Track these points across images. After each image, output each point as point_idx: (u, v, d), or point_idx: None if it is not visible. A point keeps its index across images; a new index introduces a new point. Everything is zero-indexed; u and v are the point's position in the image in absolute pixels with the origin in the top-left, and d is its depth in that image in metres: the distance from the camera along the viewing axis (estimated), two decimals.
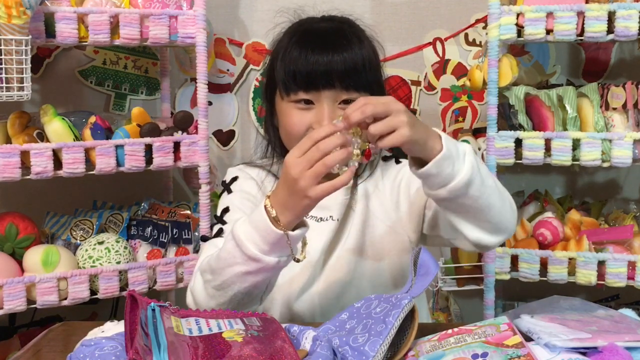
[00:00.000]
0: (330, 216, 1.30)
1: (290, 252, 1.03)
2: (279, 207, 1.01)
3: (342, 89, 1.21)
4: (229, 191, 1.34)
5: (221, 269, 1.07)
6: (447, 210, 1.11)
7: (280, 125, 1.28)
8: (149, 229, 1.81)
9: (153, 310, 0.88)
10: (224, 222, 1.27)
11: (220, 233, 1.25)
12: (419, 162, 1.03)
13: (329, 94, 1.21)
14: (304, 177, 0.97)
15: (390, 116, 0.97)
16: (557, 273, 1.72)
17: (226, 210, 1.29)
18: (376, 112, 0.97)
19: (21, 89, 1.51)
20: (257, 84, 2.15)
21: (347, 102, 1.23)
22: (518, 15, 1.66)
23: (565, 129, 1.70)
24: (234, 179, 1.35)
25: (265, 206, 1.01)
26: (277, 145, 1.34)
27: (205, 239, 1.29)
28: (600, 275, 1.69)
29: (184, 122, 1.77)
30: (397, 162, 1.38)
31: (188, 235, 1.82)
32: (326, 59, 1.20)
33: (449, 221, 1.13)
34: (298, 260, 1.04)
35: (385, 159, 1.40)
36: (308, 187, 0.97)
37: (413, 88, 2.16)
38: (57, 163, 1.61)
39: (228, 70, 2.16)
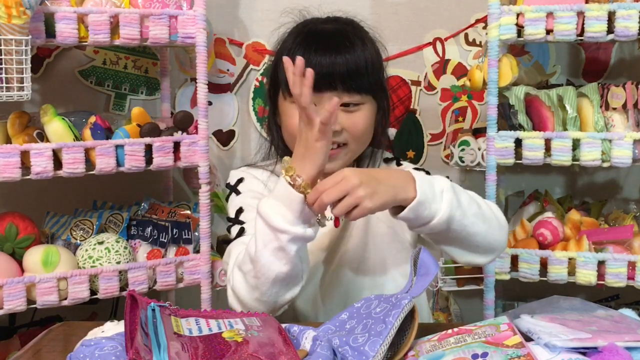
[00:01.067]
0: (332, 216, 1.30)
1: (313, 219, 1.07)
2: (299, 164, 1.05)
3: (343, 91, 1.22)
4: (237, 192, 1.34)
5: (258, 252, 1.08)
6: (434, 241, 1.16)
7: (283, 125, 1.29)
8: (149, 229, 1.81)
9: (153, 310, 0.88)
10: (241, 222, 1.27)
11: (242, 232, 1.25)
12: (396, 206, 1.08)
13: (331, 95, 1.21)
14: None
15: (347, 196, 1.01)
16: (557, 273, 1.72)
17: (240, 210, 1.30)
18: (332, 199, 1.02)
19: (21, 89, 1.51)
20: (257, 84, 2.15)
21: (347, 105, 1.23)
22: (518, 15, 1.66)
23: (565, 129, 1.70)
24: (240, 180, 1.35)
25: (285, 177, 1.05)
26: (279, 144, 1.34)
27: (226, 241, 1.29)
28: (600, 275, 1.69)
29: (184, 122, 1.77)
30: (398, 164, 1.39)
31: (188, 235, 1.82)
32: (329, 60, 1.20)
33: (439, 246, 1.18)
34: (323, 225, 1.09)
35: (387, 160, 1.40)
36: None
37: (413, 88, 2.16)
38: (57, 163, 1.60)
39: (228, 70, 2.16)
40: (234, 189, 1.35)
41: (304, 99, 1.03)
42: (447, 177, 1.14)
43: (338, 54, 1.21)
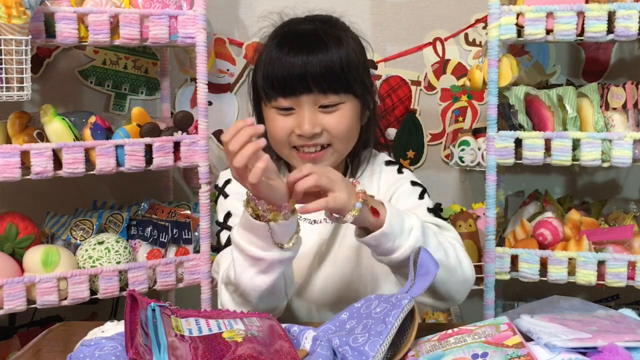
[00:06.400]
0: (324, 218, 1.30)
1: (272, 242, 1.05)
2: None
3: (319, 92, 1.21)
4: (225, 195, 1.33)
5: (237, 277, 1.10)
6: (393, 271, 1.16)
7: (267, 131, 1.28)
8: (149, 229, 1.81)
9: (153, 310, 0.88)
10: (230, 228, 1.27)
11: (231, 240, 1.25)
12: (363, 228, 1.10)
13: (307, 98, 1.20)
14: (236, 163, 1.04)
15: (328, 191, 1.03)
16: (557, 273, 1.72)
17: (228, 215, 1.29)
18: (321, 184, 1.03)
19: (21, 89, 1.51)
20: None
21: (326, 107, 1.22)
22: (518, 15, 1.66)
23: (565, 129, 1.70)
24: (227, 181, 1.35)
25: (245, 206, 1.06)
26: (268, 148, 1.33)
27: (216, 249, 1.30)
28: (600, 275, 1.69)
29: (184, 122, 1.77)
30: (400, 171, 1.38)
31: (188, 235, 1.82)
32: (300, 61, 1.19)
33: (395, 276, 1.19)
34: (282, 247, 1.06)
35: (388, 163, 1.39)
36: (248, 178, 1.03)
37: (413, 88, 2.16)
38: (57, 163, 1.60)
39: (228, 70, 2.16)
40: (221, 191, 1.34)
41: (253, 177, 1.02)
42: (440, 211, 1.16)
43: (310, 54, 1.19)
